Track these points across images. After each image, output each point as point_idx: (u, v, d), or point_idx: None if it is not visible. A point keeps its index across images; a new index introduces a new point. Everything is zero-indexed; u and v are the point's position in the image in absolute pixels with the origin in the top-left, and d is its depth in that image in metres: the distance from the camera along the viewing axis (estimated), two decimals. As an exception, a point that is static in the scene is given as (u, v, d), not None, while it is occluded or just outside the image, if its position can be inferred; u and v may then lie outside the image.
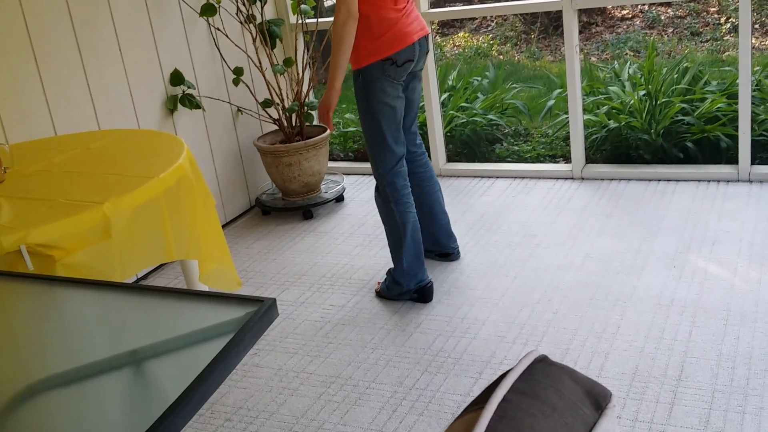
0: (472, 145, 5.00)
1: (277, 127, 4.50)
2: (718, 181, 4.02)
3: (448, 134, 4.95)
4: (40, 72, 3.27)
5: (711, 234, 3.48)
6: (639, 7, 7.76)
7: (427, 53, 3.16)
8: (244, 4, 4.23)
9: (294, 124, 4.42)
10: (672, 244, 3.43)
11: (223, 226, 4.35)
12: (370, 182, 4.72)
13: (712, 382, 2.50)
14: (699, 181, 4.05)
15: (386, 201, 3.19)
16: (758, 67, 4.54)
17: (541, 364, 0.80)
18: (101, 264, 2.07)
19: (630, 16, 7.86)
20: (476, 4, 8.47)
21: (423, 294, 3.23)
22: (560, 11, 4.13)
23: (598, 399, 0.79)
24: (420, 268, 3.22)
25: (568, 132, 4.37)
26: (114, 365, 1.36)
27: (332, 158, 5.17)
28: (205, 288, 2.68)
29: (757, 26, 6.92)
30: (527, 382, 0.76)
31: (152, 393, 1.29)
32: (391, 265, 3.29)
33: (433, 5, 4.60)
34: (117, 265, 2.11)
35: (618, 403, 2.46)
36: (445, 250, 3.54)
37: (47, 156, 2.67)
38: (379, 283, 3.40)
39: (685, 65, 4.69)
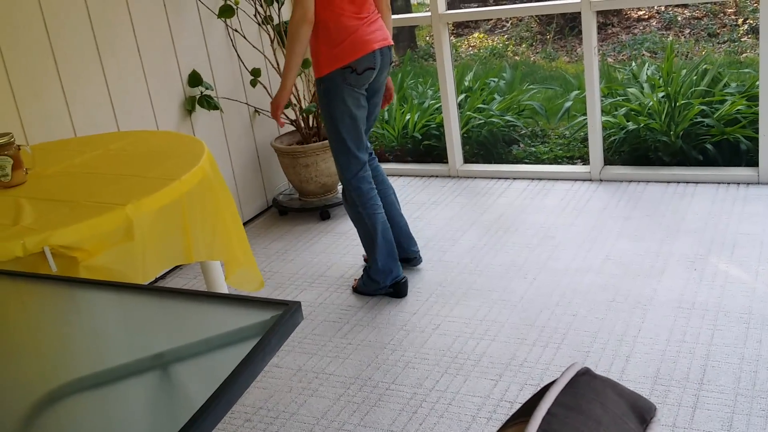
0: (489, 147, 4.98)
1: (294, 128, 4.50)
2: (738, 183, 3.99)
3: (465, 135, 4.94)
4: (60, 73, 3.28)
5: (731, 237, 3.45)
6: (656, 8, 7.72)
7: (390, 64, 3.18)
8: (261, 6, 4.23)
9: (311, 125, 4.42)
10: (692, 247, 3.41)
11: (240, 227, 4.35)
12: (387, 183, 4.72)
13: (734, 385, 2.48)
14: (719, 183, 4.03)
15: (353, 206, 3.27)
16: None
17: (585, 377, 0.79)
18: (124, 266, 2.07)
19: (647, 16, 7.82)
20: (491, 4, 8.44)
21: (398, 289, 3.32)
22: (576, 12, 4.11)
23: (642, 413, 0.78)
24: (394, 264, 3.30)
25: (586, 133, 4.35)
26: (139, 369, 1.35)
27: (349, 159, 5.16)
28: (226, 289, 2.69)
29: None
30: (571, 395, 0.75)
31: (178, 398, 1.29)
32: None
33: (449, 6, 4.59)
34: (139, 267, 2.11)
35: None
36: (406, 254, 3.51)
37: (68, 157, 2.68)
38: (356, 279, 3.47)
39: (704, 67, 4.66)
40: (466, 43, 8.30)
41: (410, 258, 3.52)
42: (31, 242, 1.95)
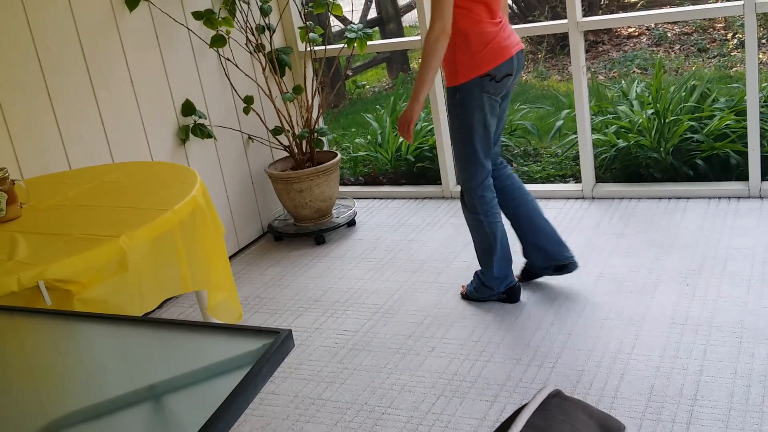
0: (482, 167, 5.01)
1: (287, 154, 4.53)
2: (729, 197, 4.02)
3: (458, 156, 4.97)
4: (54, 106, 3.31)
5: (723, 251, 3.48)
6: (645, 24, 7.79)
7: (522, 68, 3.10)
8: (253, 34, 4.28)
9: (304, 151, 4.46)
10: (684, 263, 3.43)
11: (236, 253, 4.38)
12: (381, 206, 4.75)
13: (727, 400, 2.49)
14: (710, 198, 4.06)
15: (475, 213, 3.22)
16: (766, 83, 4.54)
17: (556, 399, 0.81)
18: (118, 297, 2.09)
19: (637, 33, 7.89)
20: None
21: (512, 294, 3.30)
22: (566, 32, 4.15)
23: (611, 432, 0.81)
24: (509, 270, 3.29)
25: (578, 152, 4.39)
26: (133, 400, 1.37)
27: (343, 183, 5.20)
28: (214, 319, 2.70)
29: (764, 41, 6.93)
30: (542, 417, 0.77)
31: (172, 428, 1.30)
32: (477, 267, 3.36)
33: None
34: (135, 298, 2.13)
35: (633, 429, 2.46)
36: (559, 261, 3.33)
37: (62, 190, 2.71)
38: (464, 286, 3.45)
39: (692, 83, 4.70)
40: (458, 64, 8.36)
41: (565, 264, 3.34)
42: (26, 277, 1.97)
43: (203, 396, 1.34)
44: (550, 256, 3.33)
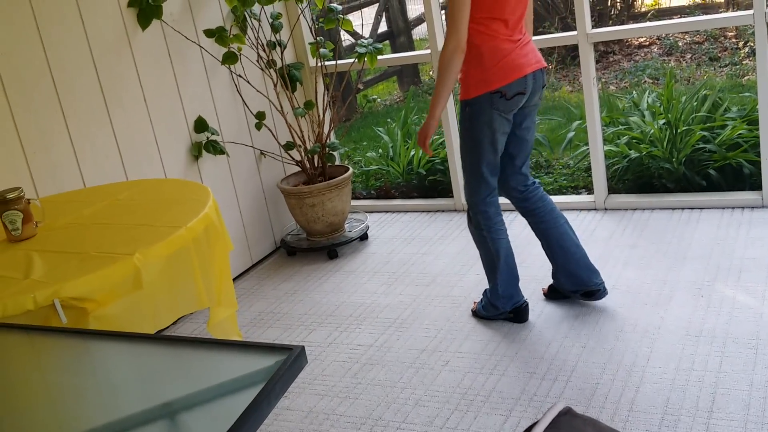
0: (493, 179, 5.01)
1: (299, 169, 4.55)
2: (743, 207, 4.00)
3: (470, 169, 4.97)
4: (68, 125, 3.34)
5: (737, 262, 3.46)
6: (656, 34, 7.78)
7: (543, 87, 3.08)
8: (264, 50, 4.31)
9: (316, 165, 4.47)
10: (698, 274, 3.42)
11: (250, 269, 4.39)
12: (394, 220, 4.76)
13: (744, 413, 2.48)
14: (723, 208, 4.04)
15: (479, 228, 3.24)
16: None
17: (566, 416, 0.81)
18: (134, 315, 2.11)
19: (647, 43, 7.88)
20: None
21: (519, 314, 3.29)
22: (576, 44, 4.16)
23: (622, 451, 0.80)
24: (515, 290, 3.28)
25: (590, 163, 4.38)
26: (148, 418, 1.38)
27: (355, 197, 5.21)
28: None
29: (775, 49, 6.90)
30: (552, 436, 0.77)
31: (187, 446, 1.31)
32: (487, 285, 3.36)
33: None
34: (149, 315, 2.14)
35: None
36: (587, 287, 3.27)
37: (77, 208, 2.73)
38: (475, 302, 3.46)
39: (704, 92, 4.69)
40: (469, 76, 8.36)
41: (593, 291, 3.27)
42: (42, 295, 1.99)
43: (217, 413, 1.35)
44: (579, 282, 3.28)
